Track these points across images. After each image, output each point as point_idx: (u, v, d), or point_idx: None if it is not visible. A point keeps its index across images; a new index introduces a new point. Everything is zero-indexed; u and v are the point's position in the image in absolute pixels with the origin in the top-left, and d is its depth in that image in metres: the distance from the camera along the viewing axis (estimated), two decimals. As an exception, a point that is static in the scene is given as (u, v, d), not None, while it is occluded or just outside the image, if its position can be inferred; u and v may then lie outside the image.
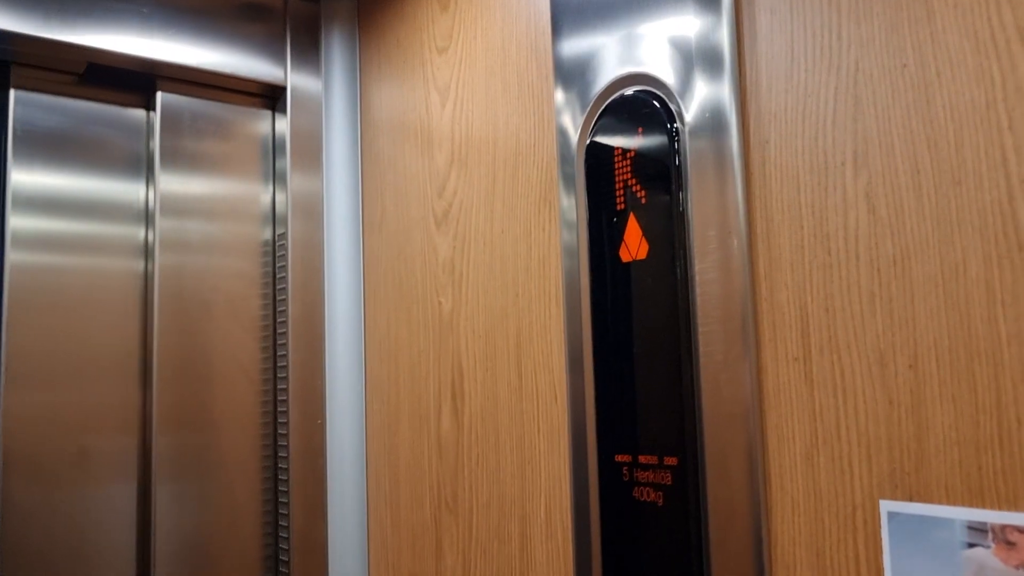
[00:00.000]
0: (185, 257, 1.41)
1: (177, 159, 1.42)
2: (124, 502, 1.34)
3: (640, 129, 0.92)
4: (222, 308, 1.43)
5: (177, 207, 1.41)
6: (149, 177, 1.41)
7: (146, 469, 1.35)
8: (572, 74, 1.03)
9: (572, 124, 1.03)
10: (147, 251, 1.40)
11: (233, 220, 1.46)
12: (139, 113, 1.42)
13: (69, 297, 1.32)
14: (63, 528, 1.29)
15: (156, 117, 1.41)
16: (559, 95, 1.05)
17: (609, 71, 0.98)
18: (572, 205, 1.02)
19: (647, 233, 0.90)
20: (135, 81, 1.40)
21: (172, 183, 1.41)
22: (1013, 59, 0.65)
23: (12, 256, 1.28)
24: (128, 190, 1.40)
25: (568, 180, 1.03)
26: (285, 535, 1.39)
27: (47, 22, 1.26)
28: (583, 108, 1.01)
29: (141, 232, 1.40)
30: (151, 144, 1.42)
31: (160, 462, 1.34)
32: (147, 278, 1.39)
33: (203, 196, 1.44)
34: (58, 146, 1.34)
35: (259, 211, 1.49)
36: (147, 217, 1.40)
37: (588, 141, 0.99)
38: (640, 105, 0.92)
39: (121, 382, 1.35)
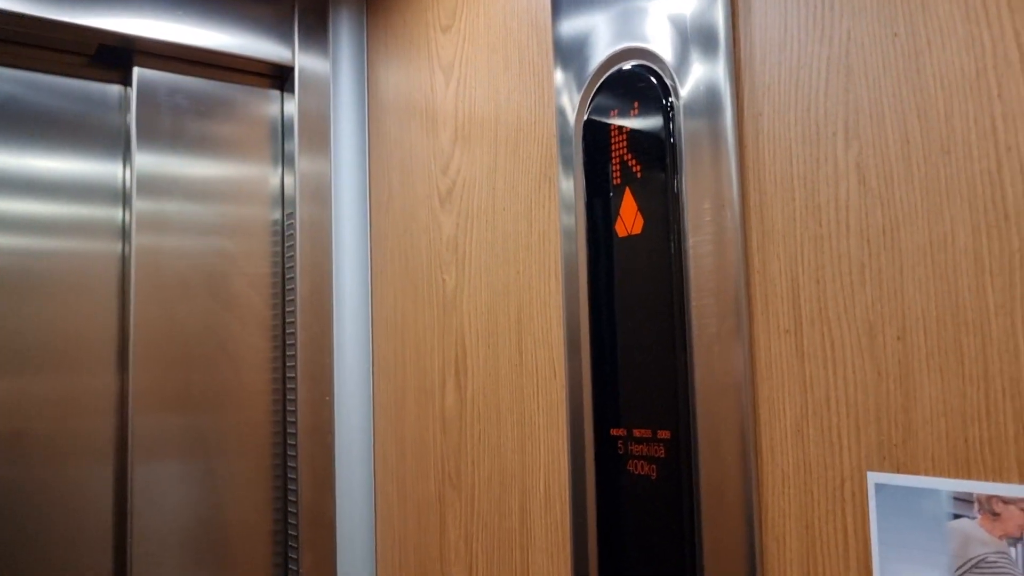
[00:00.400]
0: (202, 239, 1.42)
1: (185, 140, 1.43)
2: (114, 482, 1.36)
3: (636, 104, 0.92)
4: (232, 289, 1.45)
5: (190, 188, 1.42)
6: (126, 156, 1.42)
7: (132, 448, 1.36)
8: (571, 49, 1.03)
9: (571, 100, 1.03)
10: (126, 233, 1.42)
11: (244, 201, 1.48)
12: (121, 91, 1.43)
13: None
14: (52, 507, 1.31)
15: (157, 98, 1.42)
16: (558, 71, 1.05)
17: (606, 46, 0.97)
18: (571, 181, 1.02)
19: (642, 208, 0.90)
20: (133, 62, 1.41)
21: (180, 165, 1.42)
22: (1003, 27, 0.64)
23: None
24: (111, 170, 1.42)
25: (567, 156, 1.03)
26: (294, 510, 1.41)
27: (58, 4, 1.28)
28: (581, 83, 1.01)
29: (121, 213, 1.42)
30: (130, 121, 1.43)
31: (162, 440, 1.37)
32: (125, 259, 1.41)
33: (214, 177, 1.46)
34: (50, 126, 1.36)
35: (268, 192, 1.50)
36: (124, 198, 1.41)
37: (586, 117, 0.99)
38: (636, 80, 0.92)
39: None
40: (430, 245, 1.34)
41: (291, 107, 1.50)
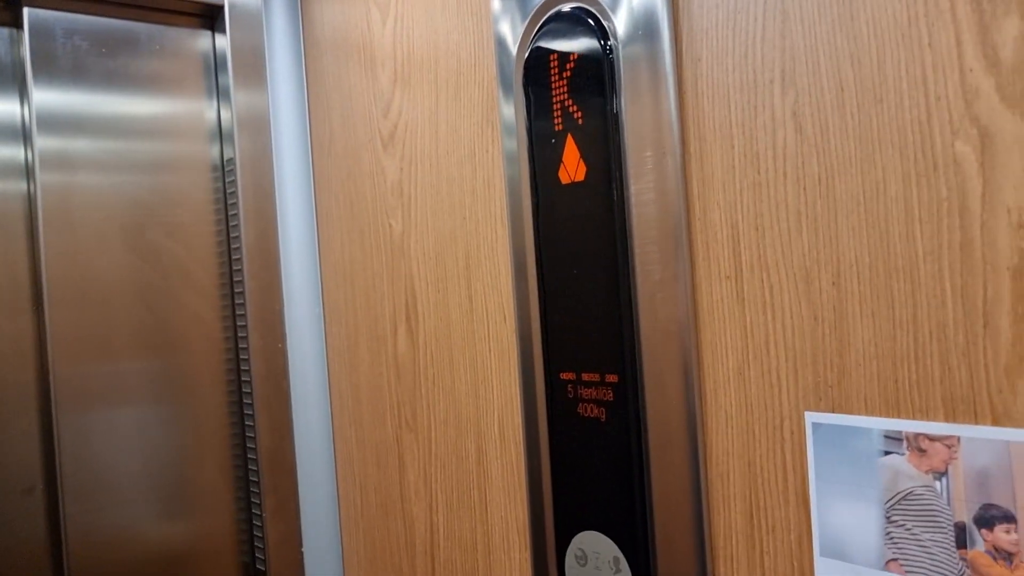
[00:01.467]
0: (131, 176, 1.39)
1: (122, 80, 1.38)
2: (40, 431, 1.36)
3: (575, 49, 0.90)
4: (170, 228, 1.42)
5: (128, 127, 1.38)
6: (23, 95, 1.37)
7: (55, 396, 1.35)
8: (508, -11, 1.00)
9: (510, 43, 1.01)
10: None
11: (178, 138, 1.44)
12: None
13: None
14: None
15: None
16: (497, 13, 1.03)
17: (544, -14, 0.95)
18: (513, 127, 1.01)
19: (584, 155, 0.90)
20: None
21: (116, 104, 1.38)
22: (934, -27, 0.64)
23: None
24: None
25: (508, 101, 1.02)
26: (254, 456, 1.43)
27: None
28: (519, 28, 0.99)
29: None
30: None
31: (93, 389, 1.36)
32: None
33: (155, 116, 1.41)
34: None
35: (205, 128, 1.47)
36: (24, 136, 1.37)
37: (525, 61, 0.97)
38: (574, 23, 0.91)
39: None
40: (375, 189, 1.32)
41: (223, 42, 1.45)
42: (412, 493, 1.28)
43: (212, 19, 1.47)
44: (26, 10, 1.33)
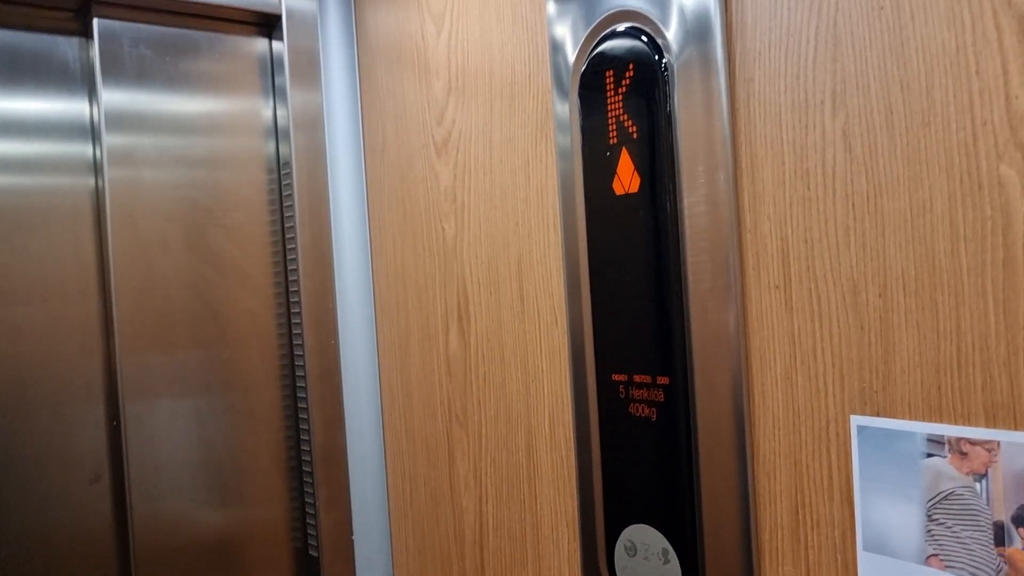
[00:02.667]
0: (199, 172, 1.45)
1: (183, 83, 1.45)
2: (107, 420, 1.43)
3: (631, 66, 0.95)
4: (227, 223, 1.49)
5: (189, 126, 1.45)
6: (92, 96, 1.44)
7: (122, 386, 1.42)
8: (565, 7, 1.05)
9: (566, 58, 1.06)
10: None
11: (235, 135, 1.51)
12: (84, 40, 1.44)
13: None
14: (42, 448, 1.38)
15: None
16: (552, 28, 1.07)
17: (601, 6, 1.00)
18: (567, 138, 1.06)
19: (639, 167, 0.95)
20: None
21: (178, 105, 1.44)
22: (982, 5, 0.68)
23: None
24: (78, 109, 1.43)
25: (563, 113, 1.06)
26: (307, 448, 1.49)
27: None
28: (576, 42, 1.03)
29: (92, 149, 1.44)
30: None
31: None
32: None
33: (214, 116, 1.48)
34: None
35: (261, 125, 1.53)
36: (93, 134, 1.44)
37: (581, 76, 1.02)
38: (630, 42, 0.95)
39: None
40: (428, 194, 1.37)
41: (280, 48, 1.51)
42: (462, 485, 1.34)
43: (270, 27, 1.53)
44: (96, 21, 1.40)
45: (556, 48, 1.07)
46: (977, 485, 0.70)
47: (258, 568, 1.50)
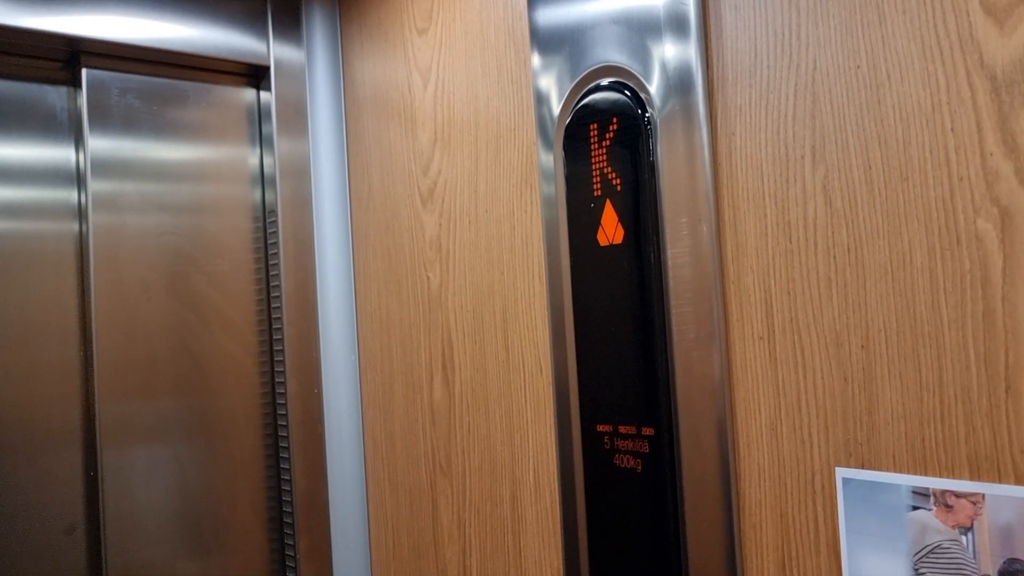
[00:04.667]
0: (184, 219, 1.45)
1: (170, 131, 1.46)
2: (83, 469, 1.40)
3: (615, 119, 0.97)
4: (211, 270, 1.48)
5: (175, 174, 1.45)
6: (79, 143, 1.44)
7: (100, 434, 1.39)
8: (549, 60, 1.07)
9: (550, 111, 1.07)
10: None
11: (222, 182, 1.51)
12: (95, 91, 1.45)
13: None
14: (19, 496, 1.35)
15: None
16: (537, 81, 1.09)
17: (585, 60, 1.02)
18: (552, 189, 1.07)
19: (623, 219, 0.96)
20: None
21: (164, 152, 1.45)
22: (955, 66, 0.70)
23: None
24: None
25: (547, 165, 1.08)
26: (288, 497, 1.47)
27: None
28: (560, 96, 1.05)
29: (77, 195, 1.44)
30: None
31: (136, 427, 1.41)
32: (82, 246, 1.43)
33: (200, 164, 1.48)
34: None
35: (248, 173, 1.54)
36: (79, 180, 1.44)
37: (565, 129, 1.03)
38: (615, 95, 0.97)
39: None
40: (413, 243, 1.38)
41: (267, 98, 1.53)
42: (445, 536, 1.32)
43: (258, 78, 1.55)
44: (84, 71, 1.41)
45: (541, 101, 1.08)
46: (963, 538, 0.70)
47: (236, 623, 1.46)
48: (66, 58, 1.40)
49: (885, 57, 0.75)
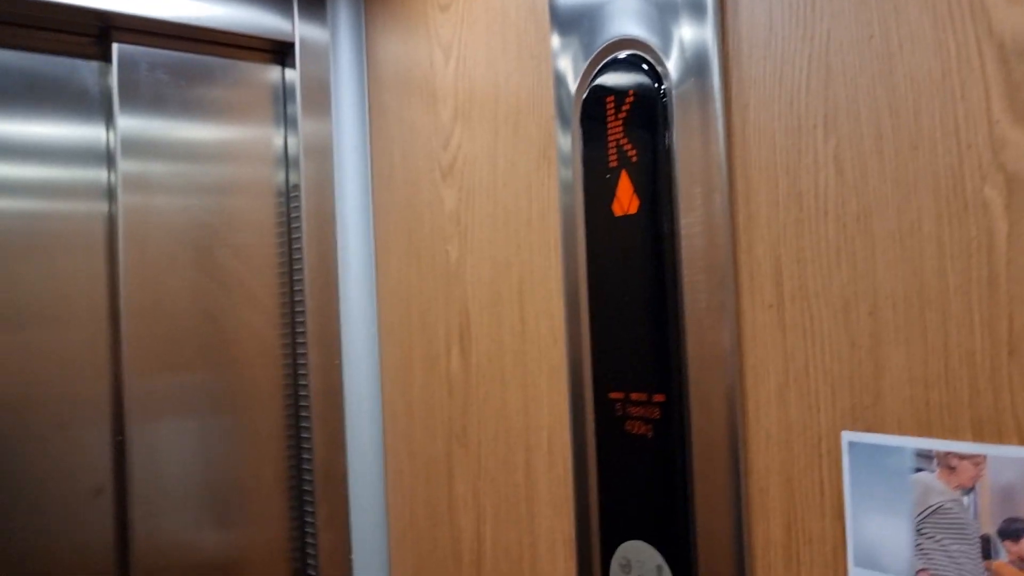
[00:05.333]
0: (210, 198, 1.49)
1: (198, 109, 1.49)
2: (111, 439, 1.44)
3: (631, 93, 0.98)
4: (236, 247, 1.52)
5: (202, 152, 1.49)
6: (109, 123, 1.47)
7: (127, 406, 1.44)
8: (568, 36, 1.09)
9: (568, 84, 1.09)
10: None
11: (246, 162, 1.54)
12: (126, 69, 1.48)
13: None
14: (48, 466, 1.39)
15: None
16: (556, 56, 1.11)
17: (603, 34, 1.03)
18: (569, 162, 1.09)
19: (638, 190, 0.98)
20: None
21: (192, 131, 1.48)
22: (967, 34, 0.71)
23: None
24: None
25: (565, 138, 1.09)
26: (309, 467, 1.50)
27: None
28: (578, 70, 1.07)
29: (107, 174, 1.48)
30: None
31: (163, 399, 1.45)
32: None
33: (227, 142, 1.51)
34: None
35: (272, 154, 1.57)
36: (110, 160, 1.47)
37: (583, 102, 1.05)
38: (631, 70, 0.98)
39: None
40: (433, 218, 1.40)
41: (292, 75, 1.56)
42: (460, 505, 1.35)
43: (283, 55, 1.57)
44: (115, 46, 1.44)
45: (559, 75, 1.10)
46: (965, 499, 0.71)
47: (256, 587, 1.50)
48: (97, 33, 1.44)
49: (898, 27, 0.76)
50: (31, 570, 1.34)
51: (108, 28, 1.43)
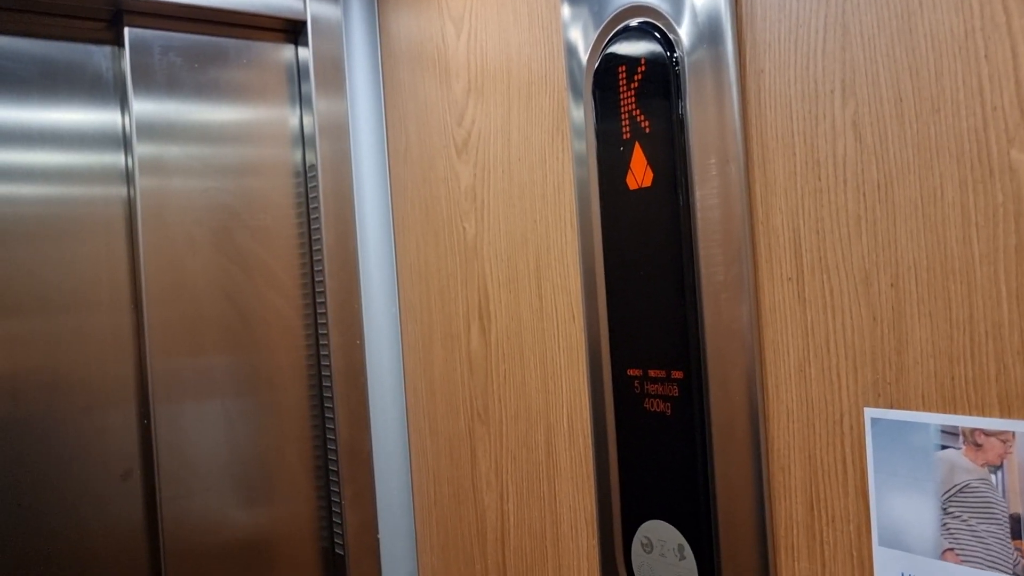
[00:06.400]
0: (227, 180, 1.48)
1: (212, 90, 1.48)
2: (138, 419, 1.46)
3: (643, 61, 0.95)
4: (255, 228, 1.51)
5: (218, 134, 1.48)
6: (124, 106, 1.47)
7: (152, 387, 1.45)
8: (579, 5, 1.06)
9: (580, 55, 1.06)
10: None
11: (262, 143, 1.53)
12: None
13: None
14: (75, 446, 1.41)
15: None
16: (567, 26, 1.08)
17: (613, 3, 1.00)
18: (582, 135, 1.06)
19: (652, 162, 0.95)
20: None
21: (206, 113, 1.47)
22: (990, -11, 0.67)
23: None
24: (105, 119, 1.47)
25: (578, 111, 1.07)
26: (333, 446, 1.51)
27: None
28: (589, 40, 1.04)
29: (118, 157, 1.48)
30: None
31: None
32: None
33: (242, 123, 1.51)
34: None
35: (287, 134, 1.56)
36: (123, 142, 1.47)
37: (594, 73, 1.02)
38: (642, 37, 0.95)
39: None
40: (449, 194, 1.39)
41: (305, 54, 1.54)
42: (484, 483, 1.34)
43: (295, 33, 1.56)
44: (127, 30, 1.43)
45: (571, 46, 1.07)
46: (992, 477, 0.69)
47: (284, 565, 1.52)
48: (109, 17, 1.43)
49: (917, -16, 0.72)
50: (62, 553, 1.36)
51: (120, 12, 1.43)
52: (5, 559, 1.33)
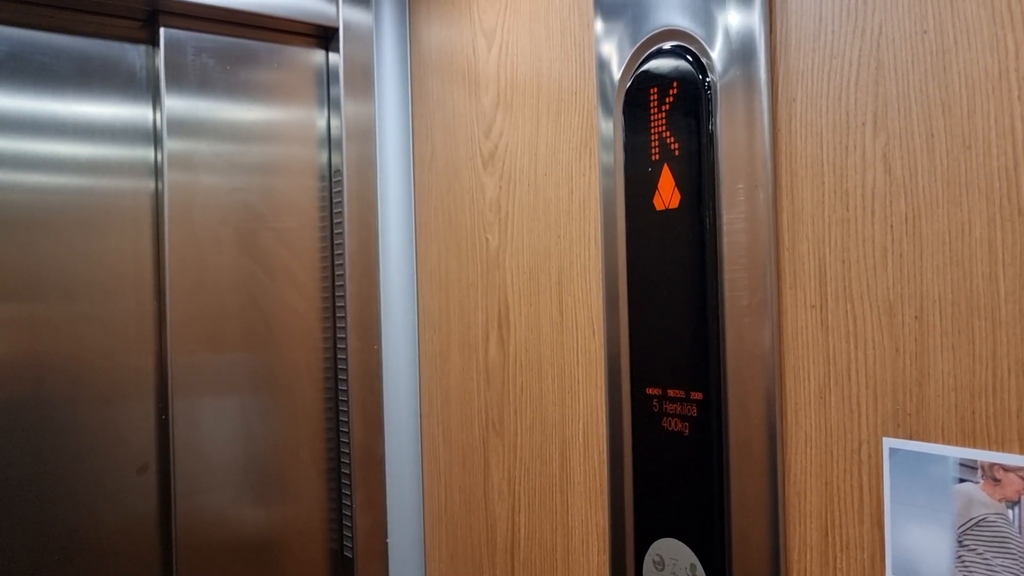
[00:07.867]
0: (253, 179, 1.50)
1: (242, 91, 1.50)
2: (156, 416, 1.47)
3: (675, 85, 0.96)
4: (278, 228, 1.53)
5: (246, 134, 1.50)
6: (156, 103, 1.49)
7: (172, 382, 1.47)
8: (612, 24, 1.07)
9: (611, 75, 1.07)
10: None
11: (289, 143, 1.55)
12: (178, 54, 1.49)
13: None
14: (94, 440, 1.43)
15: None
16: (599, 45, 1.09)
17: (647, 23, 1.01)
18: (611, 153, 1.07)
19: (680, 184, 0.96)
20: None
21: (236, 113, 1.49)
22: (1026, 31, 0.68)
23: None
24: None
25: (607, 129, 1.08)
26: (347, 449, 1.52)
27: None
28: (622, 60, 1.05)
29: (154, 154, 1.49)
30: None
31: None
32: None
33: (271, 124, 1.53)
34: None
35: (315, 135, 1.57)
36: (154, 140, 1.49)
37: (626, 92, 1.04)
38: (675, 61, 0.96)
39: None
40: (473, 204, 1.40)
41: (336, 59, 1.56)
42: (496, 494, 1.35)
43: (327, 39, 1.58)
44: (162, 30, 1.46)
45: (602, 64, 1.09)
46: (1010, 512, 0.69)
47: (293, 565, 1.53)
48: (145, 17, 1.45)
49: (953, 22, 0.73)
50: (78, 545, 1.38)
51: (155, 13, 1.45)
52: (22, 549, 1.34)
